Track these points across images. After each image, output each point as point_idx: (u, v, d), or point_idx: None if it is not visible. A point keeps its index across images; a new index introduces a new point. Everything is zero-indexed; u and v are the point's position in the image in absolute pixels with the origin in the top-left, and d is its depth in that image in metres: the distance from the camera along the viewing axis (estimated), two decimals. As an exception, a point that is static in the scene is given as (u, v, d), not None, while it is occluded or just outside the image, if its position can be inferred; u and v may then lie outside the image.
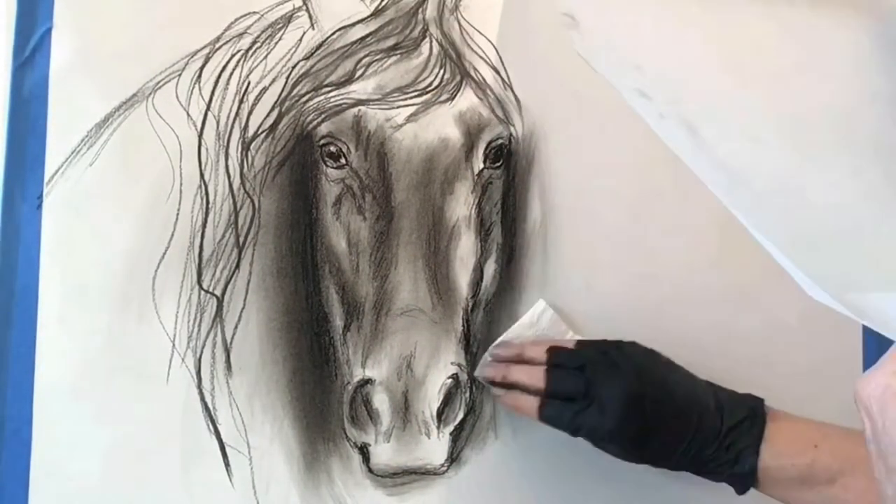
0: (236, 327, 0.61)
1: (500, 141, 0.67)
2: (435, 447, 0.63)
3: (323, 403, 0.63)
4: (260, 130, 0.63)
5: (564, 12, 0.66)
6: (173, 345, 0.60)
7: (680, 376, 0.61)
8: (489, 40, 0.68)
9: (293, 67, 0.63)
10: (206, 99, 0.62)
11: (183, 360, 0.60)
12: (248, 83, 0.62)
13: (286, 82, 0.63)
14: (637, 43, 0.62)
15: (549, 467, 0.67)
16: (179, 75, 0.61)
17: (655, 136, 0.69)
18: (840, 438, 0.57)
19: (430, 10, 0.66)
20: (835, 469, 0.56)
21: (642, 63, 0.60)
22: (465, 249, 0.65)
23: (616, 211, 0.69)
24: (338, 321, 0.63)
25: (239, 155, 0.62)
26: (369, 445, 0.62)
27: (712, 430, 0.58)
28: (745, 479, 0.58)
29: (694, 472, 0.60)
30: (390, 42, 0.65)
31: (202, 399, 0.61)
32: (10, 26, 0.60)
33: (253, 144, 0.62)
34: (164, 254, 0.60)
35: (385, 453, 0.62)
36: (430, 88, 0.65)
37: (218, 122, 0.62)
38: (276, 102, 0.63)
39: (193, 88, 0.62)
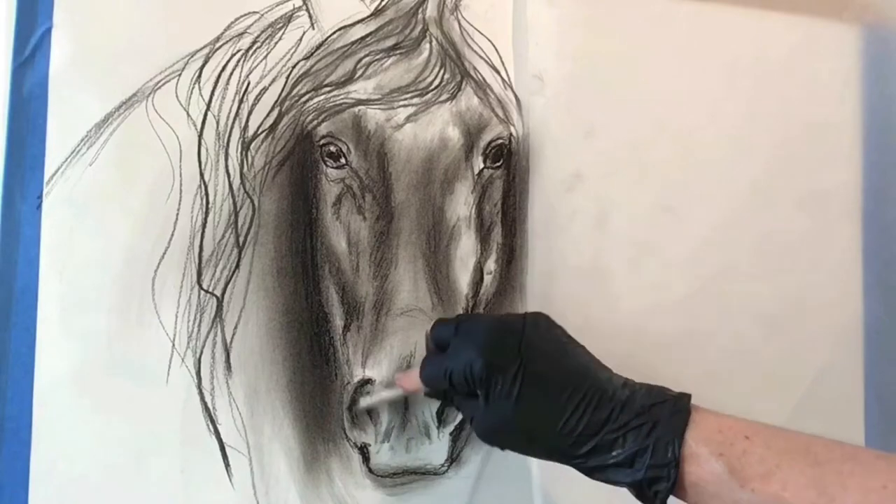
0: (236, 327, 0.61)
1: (500, 141, 0.67)
2: (435, 447, 0.63)
3: (323, 403, 0.63)
4: (260, 130, 0.62)
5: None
6: (173, 345, 0.60)
7: (578, 355, 0.53)
8: (489, 40, 0.68)
9: (293, 67, 0.63)
10: (206, 99, 0.62)
11: (183, 360, 0.60)
12: (248, 83, 0.62)
13: (286, 82, 0.63)
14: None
15: (549, 467, 0.67)
16: (179, 75, 0.61)
17: (656, 137, 0.69)
18: (772, 432, 0.49)
19: (430, 10, 0.66)
20: (770, 462, 0.47)
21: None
22: (465, 249, 0.65)
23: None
24: (338, 321, 0.63)
25: (239, 155, 0.62)
26: (369, 445, 0.62)
27: (621, 409, 0.50)
28: (664, 474, 0.48)
29: (593, 466, 0.51)
30: (390, 42, 0.65)
31: (202, 399, 0.61)
32: (10, 26, 0.60)
33: (253, 144, 0.62)
34: (164, 254, 0.60)
35: (385, 453, 0.62)
36: (430, 88, 0.65)
37: (218, 122, 0.62)
38: (275, 102, 0.63)
39: (193, 88, 0.61)
